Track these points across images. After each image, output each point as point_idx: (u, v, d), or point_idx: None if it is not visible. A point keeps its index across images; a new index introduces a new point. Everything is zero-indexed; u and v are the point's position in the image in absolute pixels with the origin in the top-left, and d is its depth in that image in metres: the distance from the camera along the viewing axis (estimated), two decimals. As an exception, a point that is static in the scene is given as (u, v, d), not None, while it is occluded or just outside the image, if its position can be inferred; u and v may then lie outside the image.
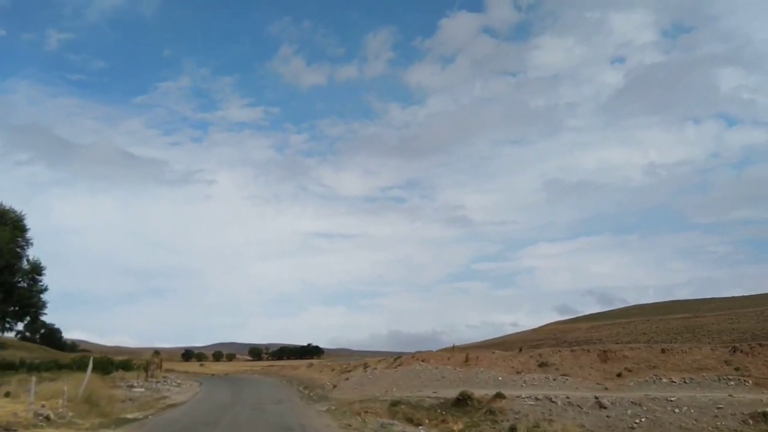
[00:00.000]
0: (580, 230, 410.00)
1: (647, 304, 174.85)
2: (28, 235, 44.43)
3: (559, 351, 35.84)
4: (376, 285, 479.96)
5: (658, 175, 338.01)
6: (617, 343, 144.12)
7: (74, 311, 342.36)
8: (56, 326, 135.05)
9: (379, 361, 44.32)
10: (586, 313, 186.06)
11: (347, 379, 38.30)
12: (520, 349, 40.34)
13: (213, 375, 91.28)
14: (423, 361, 37.79)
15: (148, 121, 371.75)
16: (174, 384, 39.34)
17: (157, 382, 38.78)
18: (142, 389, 31.53)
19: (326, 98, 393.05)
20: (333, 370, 47.38)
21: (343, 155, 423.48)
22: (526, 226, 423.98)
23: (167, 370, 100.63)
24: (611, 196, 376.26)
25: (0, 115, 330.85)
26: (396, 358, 42.54)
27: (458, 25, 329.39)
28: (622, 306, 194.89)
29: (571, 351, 34.95)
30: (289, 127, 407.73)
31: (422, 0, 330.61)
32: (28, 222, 44.60)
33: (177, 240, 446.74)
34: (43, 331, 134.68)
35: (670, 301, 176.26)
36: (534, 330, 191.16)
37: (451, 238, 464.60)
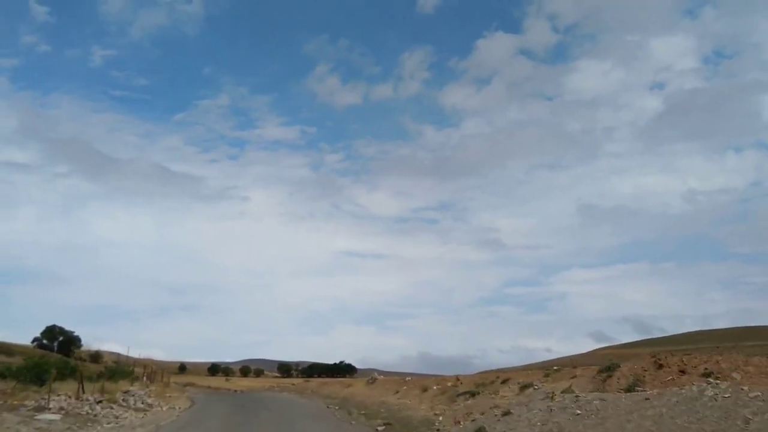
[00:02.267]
0: (615, 257, 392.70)
1: (716, 330, 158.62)
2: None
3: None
4: (407, 306, 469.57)
5: (697, 202, 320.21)
6: None
7: (109, 324, 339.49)
8: (76, 334, 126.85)
9: (525, 373, 26.44)
10: (646, 338, 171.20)
11: (485, 414, 18.33)
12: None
13: (236, 391, 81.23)
14: (683, 372, 17.44)
15: (187, 138, 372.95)
16: (140, 406, 23.59)
17: (108, 403, 22.44)
18: (57, 417, 17.64)
19: (361, 118, 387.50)
20: (426, 390, 28.17)
21: (376, 175, 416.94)
22: (560, 251, 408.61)
23: (189, 384, 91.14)
24: (648, 223, 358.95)
25: (42, 128, 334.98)
26: (603, 370, 19.90)
27: (495, 46, 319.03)
28: (663, 334, 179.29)
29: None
30: (324, 146, 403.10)
31: (459, 20, 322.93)
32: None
33: (210, 256, 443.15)
34: (61, 338, 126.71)
35: (741, 327, 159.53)
36: (586, 354, 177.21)
37: (483, 262, 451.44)
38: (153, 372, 44.07)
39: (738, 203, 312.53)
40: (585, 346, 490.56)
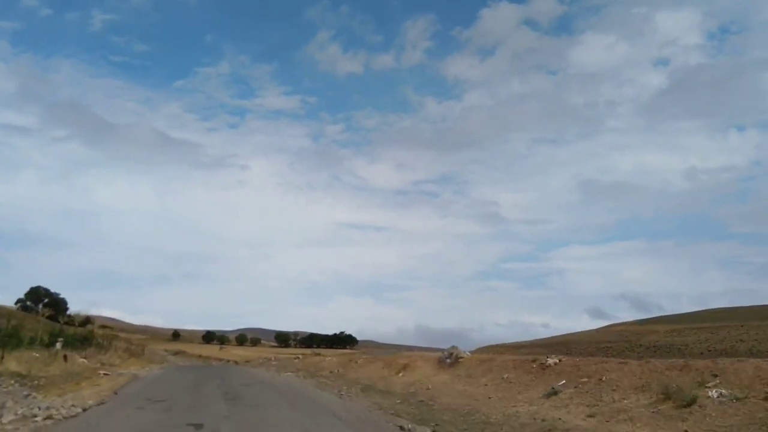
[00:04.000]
0: (614, 233, 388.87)
1: (740, 308, 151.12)
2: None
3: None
4: (405, 279, 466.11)
5: (698, 180, 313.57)
6: (714, 353, 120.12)
7: (108, 290, 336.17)
8: (62, 296, 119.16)
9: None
10: (664, 314, 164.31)
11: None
12: None
13: (228, 362, 73.84)
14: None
15: (186, 105, 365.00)
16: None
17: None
18: None
19: (362, 88, 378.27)
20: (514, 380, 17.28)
21: (377, 147, 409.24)
22: (559, 226, 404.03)
23: (179, 353, 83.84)
24: (648, 201, 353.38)
25: (41, 92, 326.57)
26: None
27: (499, 16, 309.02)
28: (661, 313, 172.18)
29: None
30: (325, 116, 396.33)
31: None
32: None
33: (210, 225, 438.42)
34: (46, 300, 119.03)
35: (761, 306, 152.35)
36: (599, 330, 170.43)
37: (482, 236, 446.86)
38: (111, 338, 35.50)
39: (739, 182, 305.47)
40: (582, 322, 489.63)
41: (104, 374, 18.89)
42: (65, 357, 20.14)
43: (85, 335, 32.07)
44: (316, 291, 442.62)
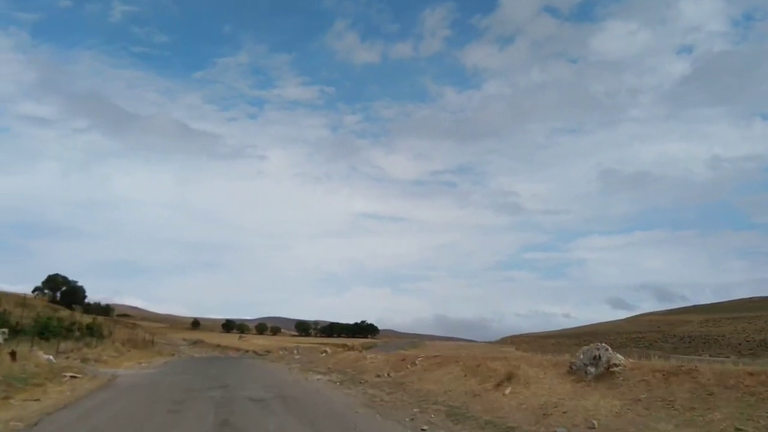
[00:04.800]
0: (635, 223, 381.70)
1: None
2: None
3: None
4: (423, 269, 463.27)
5: (722, 169, 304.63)
6: (752, 344, 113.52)
7: (130, 279, 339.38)
8: (79, 284, 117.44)
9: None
10: (695, 303, 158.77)
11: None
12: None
13: (246, 352, 70.95)
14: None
15: (206, 96, 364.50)
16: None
17: None
18: None
19: (380, 78, 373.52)
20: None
21: (395, 137, 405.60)
22: (579, 216, 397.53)
23: (197, 342, 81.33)
24: (670, 190, 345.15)
25: (61, 83, 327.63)
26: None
27: (519, 3, 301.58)
28: (685, 304, 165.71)
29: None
30: (342, 107, 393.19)
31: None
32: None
33: (229, 215, 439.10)
34: (64, 288, 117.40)
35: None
36: (628, 320, 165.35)
37: (501, 226, 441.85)
38: (99, 326, 32.09)
39: (763, 171, 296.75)
40: (603, 312, 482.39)
41: (71, 377, 15.00)
42: (12, 354, 15.57)
43: (88, 324, 29.00)
44: (334, 281, 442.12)
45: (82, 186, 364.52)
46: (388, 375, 20.17)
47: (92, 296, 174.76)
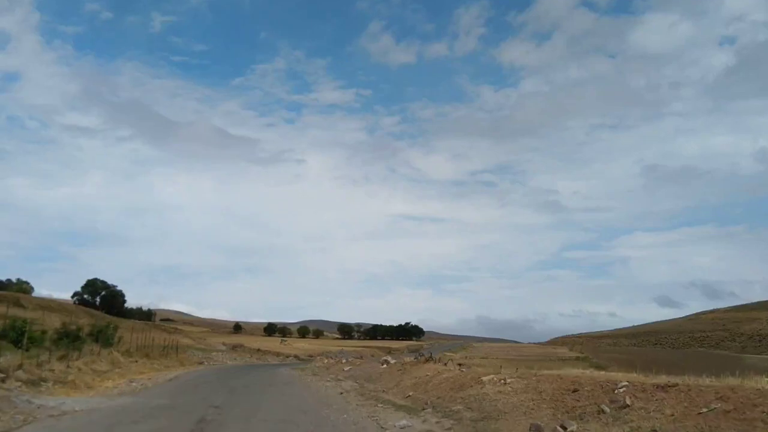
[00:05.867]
0: (681, 220, 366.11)
1: None
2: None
3: None
4: (464, 270, 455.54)
5: None
6: None
7: (174, 284, 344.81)
8: (119, 288, 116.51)
9: None
10: (757, 300, 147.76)
11: None
12: None
13: (288, 357, 67.53)
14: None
15: (244, 102, 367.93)
16: None
17: None
18: None
19: (416, 80, 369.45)
20: None
21: (432, 138, 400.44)
22: (622, 214, 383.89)
23: (237, 346, 78.27)
24: (716, 185, 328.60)
25: (104, 93, 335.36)
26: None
27: None
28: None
29: None
30: (379, 109, 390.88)
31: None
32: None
33: (269, 219, 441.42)
34: (103, 293, 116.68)
35: None
36: (689, 319, 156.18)
37: (542, 225, 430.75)
38: (106, 331, 27.79)
39: None
40: (650, 311, 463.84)
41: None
42: None
43: (101, 328, 25.59)
44: (375, 283, 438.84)
45: (126, 194, 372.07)
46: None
47: (139, 302, 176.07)
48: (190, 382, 21.74)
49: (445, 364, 21.15)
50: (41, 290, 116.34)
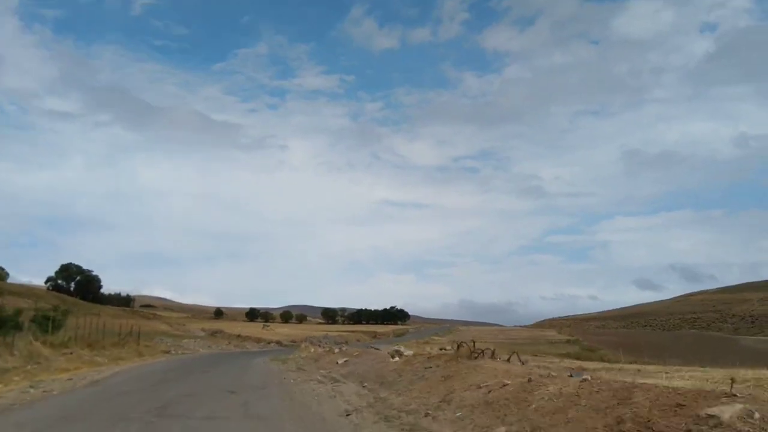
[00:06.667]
0: (661, 204, 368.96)
1: None
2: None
3: None
4: (447, 255, 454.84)
5: (748, 147, 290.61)
6: None
7: (156, 270, 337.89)
8: (94, 273, 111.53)
9: None
10: (754, 280, 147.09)
11: None
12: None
13: (269, 343, 63.77)
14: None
15: (226, 87, 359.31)
16: None
17: None
18: None
19: (400, 66, 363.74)
20: None
21: (416, 124, 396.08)
22: (603, 199, 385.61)
23: (215, 333, 74.09)
24: (696, 170, 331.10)
25: (83, 77, 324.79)
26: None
27: None
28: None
29: None
30: (363, 95, 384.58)
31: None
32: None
33: (252, 205, 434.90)
34: (78, 278, 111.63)
35: None
36: (677, 300, 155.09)
37: (525, 210, 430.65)
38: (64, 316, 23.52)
39: None
40: (630, 294, 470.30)
41: None
42: None
43: (45, 313, 21.60)
44: (359, 268, 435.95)
45: (106, 179, 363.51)
46: None
47: (120, 288, 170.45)
48: (111, 389, 13.79)
49: (476, 356, 14.40)
50: (21, 277, 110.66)
